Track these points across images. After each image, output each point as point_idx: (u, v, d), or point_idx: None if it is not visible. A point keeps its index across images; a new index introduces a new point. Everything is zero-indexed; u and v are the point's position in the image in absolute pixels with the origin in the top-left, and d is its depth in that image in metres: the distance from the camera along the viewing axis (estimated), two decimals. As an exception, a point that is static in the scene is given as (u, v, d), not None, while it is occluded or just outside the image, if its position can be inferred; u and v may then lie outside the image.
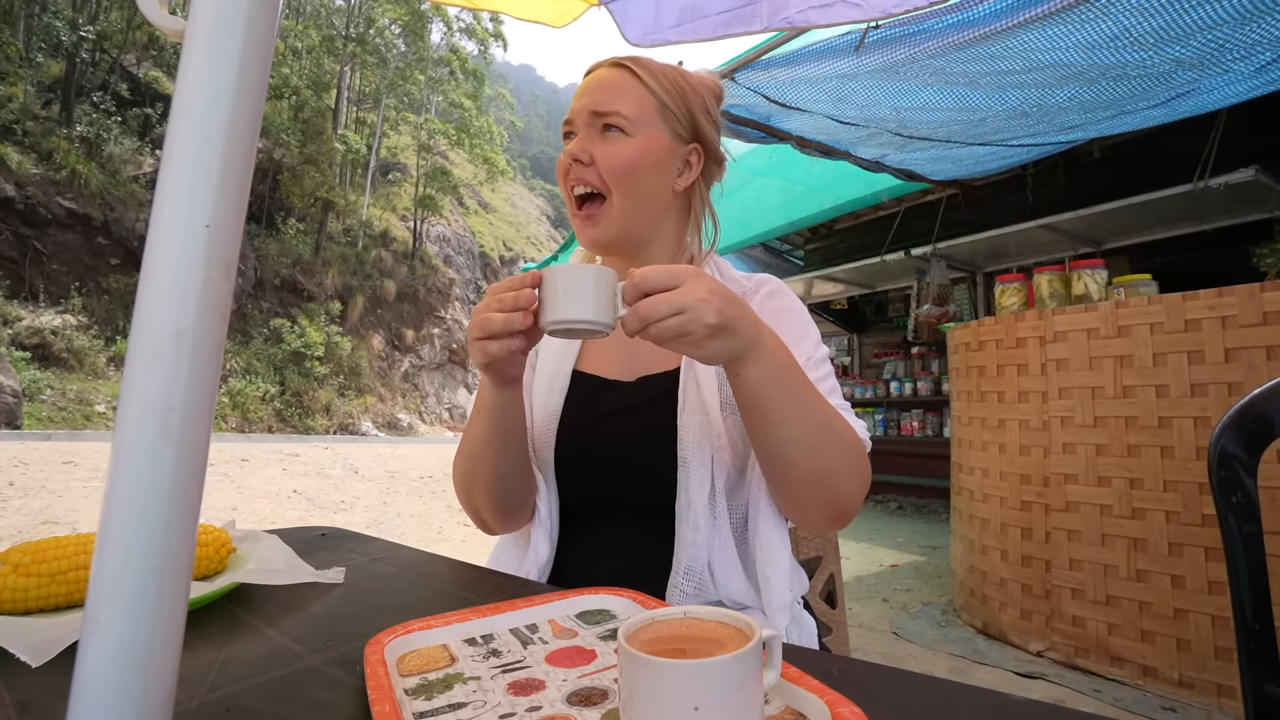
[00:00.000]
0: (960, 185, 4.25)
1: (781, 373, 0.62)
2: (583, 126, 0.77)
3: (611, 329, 0.58)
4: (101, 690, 0.27)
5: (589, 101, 0.77)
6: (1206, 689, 1.75)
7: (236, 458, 8.13)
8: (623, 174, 0.76)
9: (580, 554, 0.76)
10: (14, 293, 13.36)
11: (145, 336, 0.29)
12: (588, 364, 0.84)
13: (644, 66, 0.79)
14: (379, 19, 22.44)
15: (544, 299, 0.58)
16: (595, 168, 0.76)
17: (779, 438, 0.64)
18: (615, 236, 0.78)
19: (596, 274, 0.57)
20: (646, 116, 0.77)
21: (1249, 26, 1.92)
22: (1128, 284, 2.11)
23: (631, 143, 0.76)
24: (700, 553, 0.70)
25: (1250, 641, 0.58)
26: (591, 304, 0.56)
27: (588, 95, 0.78)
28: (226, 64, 0.31)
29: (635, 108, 0.77)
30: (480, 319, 0.60)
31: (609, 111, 0.76)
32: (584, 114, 0.77)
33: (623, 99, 0.77)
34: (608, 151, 0.76)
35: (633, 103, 0.77)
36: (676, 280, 0.56)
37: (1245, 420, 0.62)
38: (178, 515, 0.29)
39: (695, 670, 0.31)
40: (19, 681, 0.43)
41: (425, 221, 24.79)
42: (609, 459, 0.76)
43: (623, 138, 0.76)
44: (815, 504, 0.68)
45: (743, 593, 0.71)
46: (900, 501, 5.31)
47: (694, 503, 0.71)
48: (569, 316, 0.56)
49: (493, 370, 0.65)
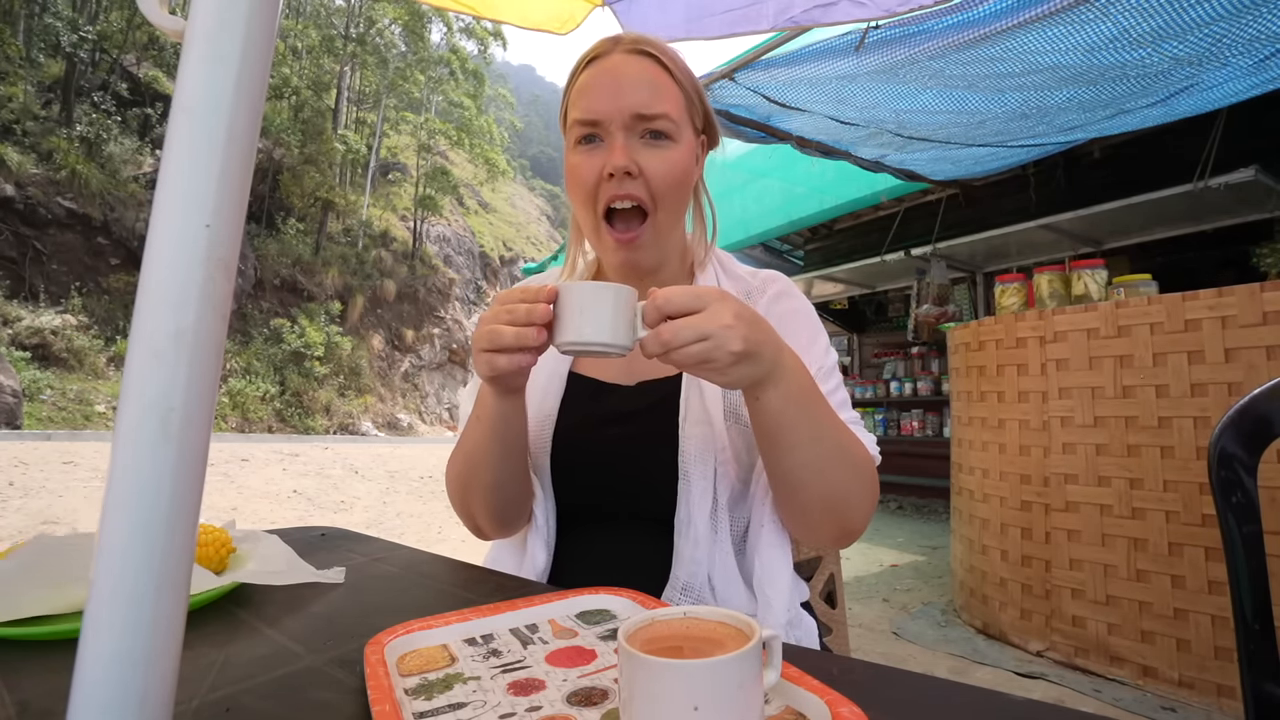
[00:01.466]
0: (960, 185, 4.25)
1: (800, 396, 0.59)
2: (620, 131, 0.68)
3: (630, 350, 0.55)
4: (101, 690, 0.27)
5: (632, 102, 0.67)
6: (1206, 689, 1.75)
7: (236, 458, 8.13)
8: (675, 188, 0.69)
9: (576, 563, 0.74)
10: (14, 293, 13.36)
11: (145, 336, 0.29)
12: (584, 365, 0.80)
13: (668, 55, 0.72)
14: (379, 19, 22.44)
15: (559, 316, 0.55)
16: (644, 180, 0.68)
17: (792, 461, 0.61)
18: (656, 258, 0.73)
19: (616, 293, 0.54)
20: (683, 116, 0.71)
21: (1246, 20, 1.92)
22: (1128, 284, 2.11)
23: (679, 150, 0.69)
24: (700, 569, 0.67)
25: (1250, 641, 0.58)
26: (610, 325, 0.53)
27: (624, 93, 0.67)
28: (226, 64, 0.31)
29: (677, 108, 0.70)
30: (488, 330, 0.56)
31: (657, 115, 0.68)
32: (624, 116, 0.67)
33: (666, 99, 0.69)
34: (659, 163, 0.68)
35: (675, 103, 0.70)
36: (701, 303, 0.52)
37: (1245, 420, 0.62)
38: (178, 515, 0.29)
39: (695, 670, 0.31)
40: (19, 681, 0.43)
41: (425, 221, 24.80)
42: (607, 466, 0.73)
43: (671, 145, 0.69)
44: (825, 525, 0.65)
45: (743, 606, 0.68)
46: (900, 501, 5.31)
47: (694, 517, 0.68)
48: (586, 339, 0.53)
49: (498, 383, 0.61)
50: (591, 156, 0.69)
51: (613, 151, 0.67)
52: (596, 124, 0.68)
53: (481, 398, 0.67)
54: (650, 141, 0.69)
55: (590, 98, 0.69)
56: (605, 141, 0.68)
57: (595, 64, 0.71)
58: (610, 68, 0.70)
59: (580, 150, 0.70)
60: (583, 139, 0.70)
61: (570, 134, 0.71)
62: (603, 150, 0.68)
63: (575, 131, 0.70)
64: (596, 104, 0.68)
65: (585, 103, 0.69)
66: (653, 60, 0.70)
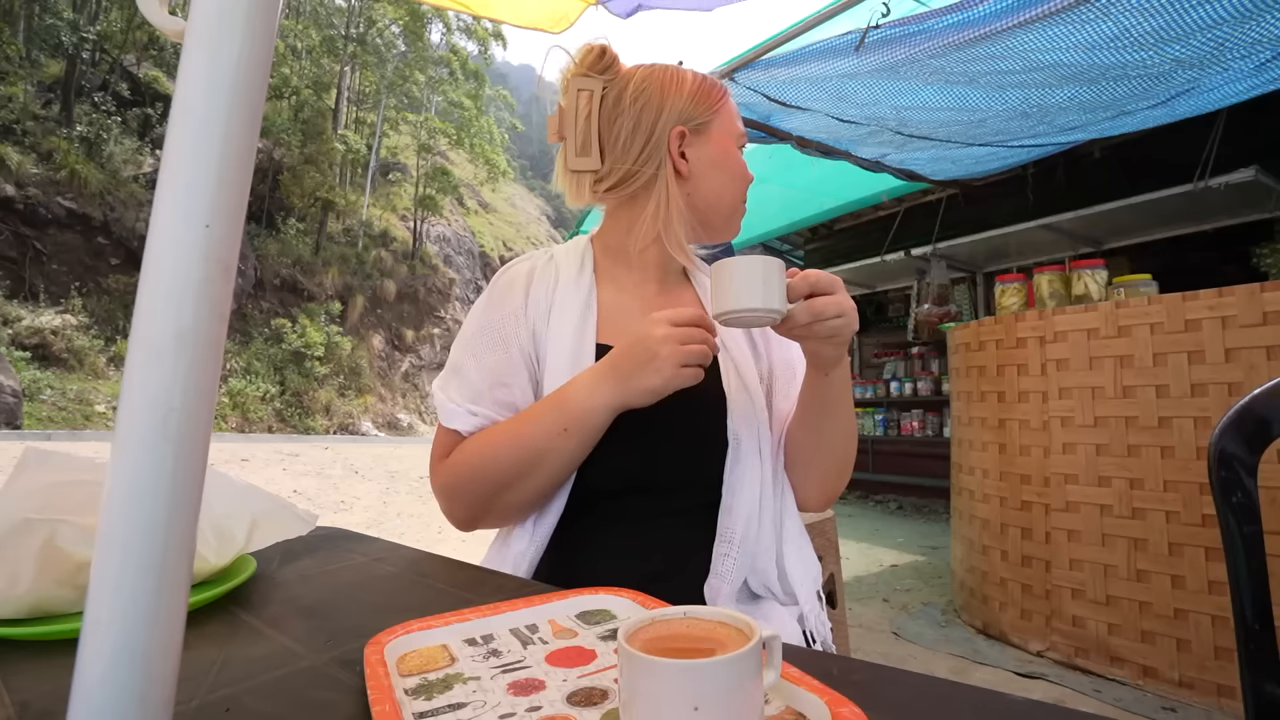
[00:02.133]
0: (960, 185, 4.25)
1: (849, 372, 0.73)
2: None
3: (781, 317, 0.62)
4: (101, 690, 0.27)
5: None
6: (1206, 689, 1.75)
7: (237, 458, 8.13)
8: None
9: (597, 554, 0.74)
10: (14, 292, 13.37)
11: (145, 336, 0.29)
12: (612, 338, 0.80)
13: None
14: (379, 19, 22.44)
15: (718, 289, 0.61)
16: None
17: (834, 428, 0.75)
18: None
19: (767, 265, 0.60)
20: None
21: (1249, 25, 1.92)
22: (1128, 284, 2.11)
23: None
24: (752, 525, 0.73)
25: (1250, 641, 0.58)
26: (762, 292, 0.60)
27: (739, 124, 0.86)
28: (226, 64, 0.31)
29: None
30: (695, 351, 0.65)
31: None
32: (744, 142, 0.86)
33: None
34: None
35: None
36: (836, 286, 0.63)
37: (1245, 420, 0.62)
38: (178, 515, 0.29)
39: (695, 670, 0.31)
40: (19, 681, 0.43)
41: (425, 221, 24.80)
42: (659, 431, 0.75)
43: None
44: (836, 484, 0.79)
45: (772, 578, 0.75)
46: (900, 501, 5.31)
47: (745, 479, 0.74)
48: (745, 305, 0.60)
49: (653, 397, 0.67)
50: (743, 160, 0.84)
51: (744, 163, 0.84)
52: (741, 138, 0.85)
53: (592, 411, 0.68)
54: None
55: (740, 125, 0.85)
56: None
57: (725, 99, 0.85)
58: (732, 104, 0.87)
59: (738, 151, 0.84)
60: (740, 146, 0.85)
61: (733, 135, 0.84)
62: (742, 159, 0.85)
63: (740, 140, 0.85)
64: (738, 128, 0.85)
65: (740, 126, 0.86)
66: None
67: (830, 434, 0.75)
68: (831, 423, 0.74)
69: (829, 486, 0.80)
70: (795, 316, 0.62)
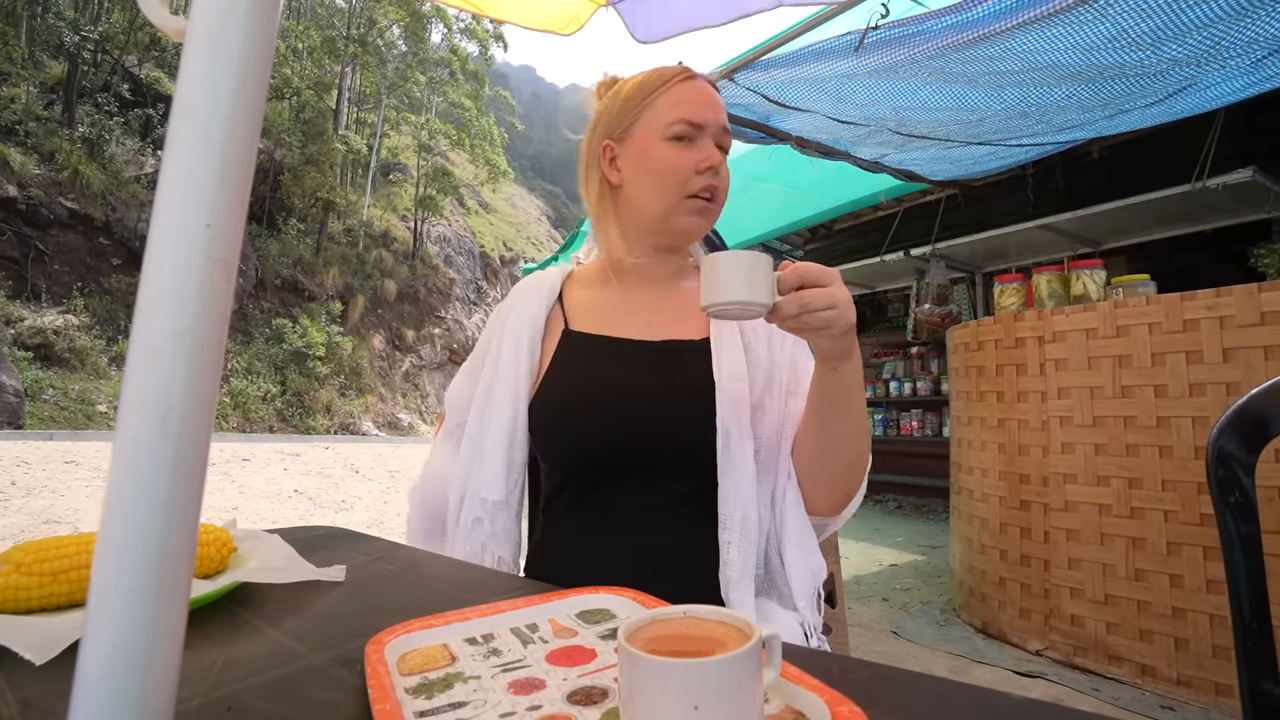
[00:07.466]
0: (959, 185, 4.24)
1: (859, 369, 0.69)
2: (711, 138, 0.81)
3: (768, 310, 0.61)
4: (103, 689, 0.27)
5: (722, 120, 0.81)
6: (1205, 688, 1.75)
7: (238, 457, 8.13)
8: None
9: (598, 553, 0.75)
10: (16, 293, 13.37)
11: (146, 336, 0.29)
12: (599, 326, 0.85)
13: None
14: (380, 20, 22.43)
15: (706, 281, 0.61)
16: (721, 181, 0.81)
17: (844, 427, 0.72)
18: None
19: (754, 258, 0.60)
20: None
21: (1245, 23, 1.93)
22: (1126, 284, 2.11)
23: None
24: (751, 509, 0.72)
25: (1248, 640, 0.58)
26: (748, 285, 0.60)
27: (718, 112, 0.81)
28: (227, 64, 0.31)
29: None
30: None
31: (728, 135, 0.82)
32: (717, 129, 0.81)
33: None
34: (726, 170, 0.82)
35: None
36: (830, 279, 0.62)
37: (1243, 420, 0.62)
38: (178, 515, 0.29)
39: (695, 670, 0.31)
40: (21, 681, 0.43)
41: (426, 222, 24.79)
42: (648, 414, 0.76)
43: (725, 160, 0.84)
44: (849, 484, 0.76)
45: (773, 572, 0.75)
46: (900, 501, 5.31)
47: (737, 464, 0.73)
48: (732, 298, 0.60)
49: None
50: (684, 152, 0.79)
51: (710, 152, 0.79)
52: (700, 128, 0.79)
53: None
54: (721, 153, 0.81)
55: (695, 106, 0.80)
56: (696, 144, 0.80)
57: (689, 82, 0.82)
58: (704, 88, 0.82)
59: (670, 145, 0.79)
60: (677, 137, 0.79)
61: (660, 129, 0.80)
62: (692, 149, 0.79)
63: (674, 129, 0.79)
64: (702, 112, 0.80)
65: (690, 109, 0.79)
66: (717, 93, 0.84)
67: (838, 431, 0.73)
68: (839, 419, 0.72)
69: (838, 487, 0.77)
70: (783, 308, 0.61)
